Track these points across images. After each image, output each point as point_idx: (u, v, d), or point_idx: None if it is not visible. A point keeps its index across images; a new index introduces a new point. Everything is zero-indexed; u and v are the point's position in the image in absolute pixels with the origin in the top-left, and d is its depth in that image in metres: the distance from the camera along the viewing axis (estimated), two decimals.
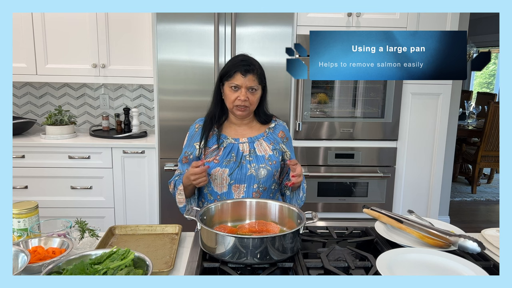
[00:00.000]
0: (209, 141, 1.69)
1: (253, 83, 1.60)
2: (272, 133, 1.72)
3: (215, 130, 1.70)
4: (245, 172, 1.62)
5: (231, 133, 1.70)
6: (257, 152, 1.66)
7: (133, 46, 2.89)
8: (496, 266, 1.27)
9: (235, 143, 1.67)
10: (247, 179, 1.63)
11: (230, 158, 1.64)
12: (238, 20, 2.55)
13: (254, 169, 1.63)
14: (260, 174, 1.63)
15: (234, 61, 1.63)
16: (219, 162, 1.63)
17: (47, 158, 2.79)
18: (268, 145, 1.69)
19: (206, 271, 1.23)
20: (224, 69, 1.64)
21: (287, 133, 1.77)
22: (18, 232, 1.39)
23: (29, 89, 3.23)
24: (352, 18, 2.63)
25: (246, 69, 1.58)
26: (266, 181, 1.65)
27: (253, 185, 1.64)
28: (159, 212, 2.77)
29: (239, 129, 1.71)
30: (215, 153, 1.66)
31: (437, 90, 2.77)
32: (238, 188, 1.63)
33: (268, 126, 1.74)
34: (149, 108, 3.29)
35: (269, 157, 1.66)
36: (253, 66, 1.60)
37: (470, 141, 5.32)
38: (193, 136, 1.73)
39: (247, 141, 1.68)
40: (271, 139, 1.71)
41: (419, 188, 2.90)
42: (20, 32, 2.82)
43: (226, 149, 1.66)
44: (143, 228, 1.53)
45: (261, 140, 1.69)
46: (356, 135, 2.77)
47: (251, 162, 1.64)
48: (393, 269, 1.18)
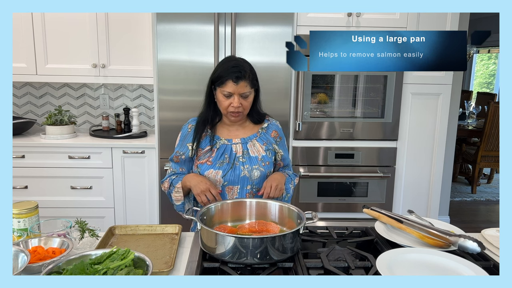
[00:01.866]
0: (202, 142, 1.68)
1: (245, 89, 1.58)
2: (265, 133, 1.72)
3: (208, 131, 1.69)
4: (238, 173, 1.62)
5: (224, 134, 1.70)
6: (250, 153, 1.66)
7: (133, 46, 2.89)
8: (496, 266, 1.27)
9: (228, 144, 1.67)
10: (240, 180, 1.63)
11: (223, 160, 1.64)
12: (238, 20, 2.55)
13: (247, 171, 1.63)
14: (254, 176, 1.63)
15: (225, 67, 1.59)
16: (212, 164, 1.63)
17: (47, 158, 2.79)
18: (261, 145, 1.69)
19: (206, 271, 1.23)
20: (215, 74, 1.61)
21: (280, 132, 1.76)
22: (18, 232, 1.39)
23: (29, 89, 3.23)
24: (352, 18, 2.63)
25: (237, 76, 1.55)
26: (259, 182, 1.65)
27: (247, 186, 1.64)
28: (159, 212, 2.78)
29: (232, 129, 1.71)
30: (208, 154, 1.65)
31: (437, 90, 2.77)
32: (231, 190, 1.64)
33: (261, 126, 1.73)
34: (149, 108, 3.29)
35: (262, 158, 1.66)
36: (244, 72, 1.56)
37: (470, 141, 5.32)
38: (185, 136, 1.72)
39: (240, 142, 1.68)
40: (264, 139, 1.70)
41: (419, 188, 2.90)
42: (20, 32, 2.82)
43: (219, 150, 1.65)
44: (143, 228, 1.53)
45: (254, 140, 1.69)
46: (356, 135, 2.77)
47: (245, 164, 1.64)
48: (393, 269, 1.18)
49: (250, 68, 1.61)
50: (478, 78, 7.78)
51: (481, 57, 7.68)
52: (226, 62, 1.61)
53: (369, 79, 2.71)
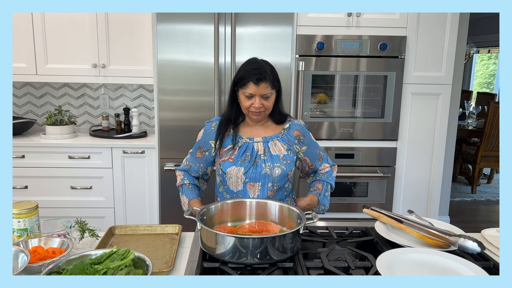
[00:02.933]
0: (224, 141, 1.71)
1: (266, 90, 1.60)
2: (286, 134, 1.72)
3: (231, 131, 1.71)
4: (260, 171, 1.64)
5: (246, 133, 1.72)
6: (271, 152, 1.67)
7: (133, 46, 2.89)
8: (496, 266, 1.27)
9: (250, 142, 1.69)
10: (261, 177, 1.64)
11: (245, 157, 1.66)
12: (238, 20, 2.55)
13: (269, 168, 1.64)
14: (275, 173, 1.64)
15: (246, 69, 1.62)
16: (234, 161, 1.66)
17: (47, 158, 2.79)
18: (282, 145, 1.70)
19: (206, 271, 1.23)
20: (237, 76, 1.64)
21: (303, 130, 1.76)
22: (18, 232, 1.39)
23: (29, 89, 3.23)
24: (352, 18, 2.63)
25: (258, 77, 1.58)
26: (280, 180, 1.66)
27: (268, 183, 1.65)
28: (159, 212, 2.78)
29: (254, 129, 1.73)
30: (230, 152, 1.68)
31: (437, 90, 2.77)
32: (253, 187, 1.65)
33: (283, 127, 1.74)
34: (149, 108, 3.29)
35: (283, 157, 1.67)
36: (265, 74, 1.59)
37: (470, 141, 5.32)
38: (209, 134, 1.74)
39: (261, 141, 1.69)
40: (286, 140, 1.71)
41: (419, 188, 2.90)
42: (20, 32, 2.82)
43: (241, 148, 1.68)
44: (143, 228, 1.53)
45: (275, 140, 1.70)
46: (356, 135, 2.77)
47: (266, 161, 1.65)
48: (393, 269, 1.18)
49: (271, 70, 1.64)
50: (478, 78, 7.78)
51: (481, 57, 7.68)
52: (248, 65, 1.64)
53: (369, 79, 2.71)
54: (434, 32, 2.68)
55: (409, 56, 2.70)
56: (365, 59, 2.67)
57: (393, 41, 2.65)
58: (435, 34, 2.69)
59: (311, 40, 2.61)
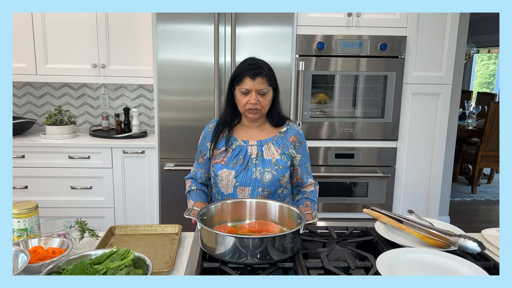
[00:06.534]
0: (219, 143, 1.70)
1: (262, 86, 1.59)
2: (282, 138, 1.70)
3: (226, 132, 1.71)
4: (250, 175, 1.62)
5: (242, 135, 1.70)
6: (264, 156, 1.65)
7: (133, 46, 2.89)
8: (496, 266, 1.27)
9: (244, 145, 1.67)
10: (252, 182, 1.63)
11: (237, 160, 1.65)
12: (238, 20, 2.55)
13: (259, 173, 1.63)
14: (265, 178, 1.62)
15: (243, 65, 1.62)
16: (226, 164, 1.65)
17: (47, 158, 2.79)
18: (276, 149, 1.67)
19: (206, 271, 1.23)
20: (233, 74, 1.64)
21: (300, 137, 1.73)
22: (18, 232, 1.39)
23: (29, 89, 3.23)
24: (352, 18, 2.63)
25: (254, 72, 1.58)
26: (271, 185, 1.64)
27: (258, 188, 1.63)
28: (159, 212, 2.78)
29: (250, 132, 1.71)
30: (223, 154, 1.67)
31: (437, 90, 2.77)
32: (243, 191, 1.64)
33: (280, 130, 1.71)
34: (149, 108, 3.29)
35: (275, 162, 1.65)
36: (261, 69, 1.59)
37: (470, 141, 5.32)
38: (206, 136, 1.74)
39: (256, 144, 1.67)
40: (281, 143, 1.69)
41: (419, 188, 2.90)
42: (20, 32, 2.82)
43: (235, 151, 1.66)
44: (143, 228, 1.53)
45: (270, 144, 1.68)
46: (356, 135, 2.77)
47: (257, 166, 1.64)
48: (393, 269, 1.18)
49: (268, 67, 1.64)
50: (478, 78, 7.78)
51: (481, 57, 7.68)
52: (244, 62, 1.65)
53: (369, 79, 2.71)
54: (434, 32, 2.68)
55: (409, 56, 2.70)
56: (365, 59, 2.67)
57: (393, 41, 2.65)
58: (435, 34, 2.69)
59: (311, 40, 2.61)
